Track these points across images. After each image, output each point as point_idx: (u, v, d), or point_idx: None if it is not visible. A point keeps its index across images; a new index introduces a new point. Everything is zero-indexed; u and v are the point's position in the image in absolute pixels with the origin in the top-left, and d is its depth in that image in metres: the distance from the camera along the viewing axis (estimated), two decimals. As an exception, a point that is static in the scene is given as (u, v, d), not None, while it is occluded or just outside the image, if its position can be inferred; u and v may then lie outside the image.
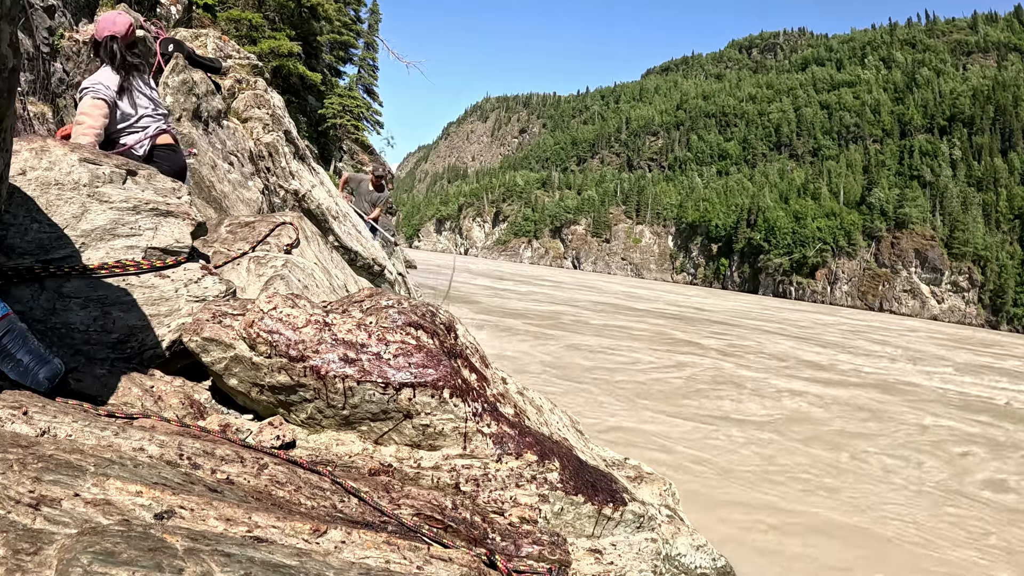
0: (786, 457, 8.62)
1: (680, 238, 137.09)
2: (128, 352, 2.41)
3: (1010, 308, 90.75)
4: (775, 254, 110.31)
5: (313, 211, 8.62)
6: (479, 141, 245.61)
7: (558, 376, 11.85)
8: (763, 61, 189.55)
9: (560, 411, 3.43)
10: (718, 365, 15.82)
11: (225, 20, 18.03)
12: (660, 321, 26.88)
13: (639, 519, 2.46)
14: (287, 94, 19.47)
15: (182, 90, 7.00)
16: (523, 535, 2.04)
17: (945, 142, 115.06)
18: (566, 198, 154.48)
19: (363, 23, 34.23)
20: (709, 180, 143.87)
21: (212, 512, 1.48)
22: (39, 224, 2.33)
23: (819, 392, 13.73)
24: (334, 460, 2.20)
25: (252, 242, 3.60)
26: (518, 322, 19.32)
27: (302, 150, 10.10)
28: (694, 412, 10.58)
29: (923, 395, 15.08)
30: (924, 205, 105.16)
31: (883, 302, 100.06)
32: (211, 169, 7.15)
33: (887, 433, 10.69)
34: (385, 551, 1.56)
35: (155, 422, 2.00)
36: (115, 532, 1.22)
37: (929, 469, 8.91)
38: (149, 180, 2.72)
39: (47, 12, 6.14)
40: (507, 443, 2.30)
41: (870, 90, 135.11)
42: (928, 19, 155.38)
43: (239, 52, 11.33)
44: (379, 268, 9.15)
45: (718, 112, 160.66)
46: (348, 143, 31.27)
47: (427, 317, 2.52)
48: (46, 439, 1.66)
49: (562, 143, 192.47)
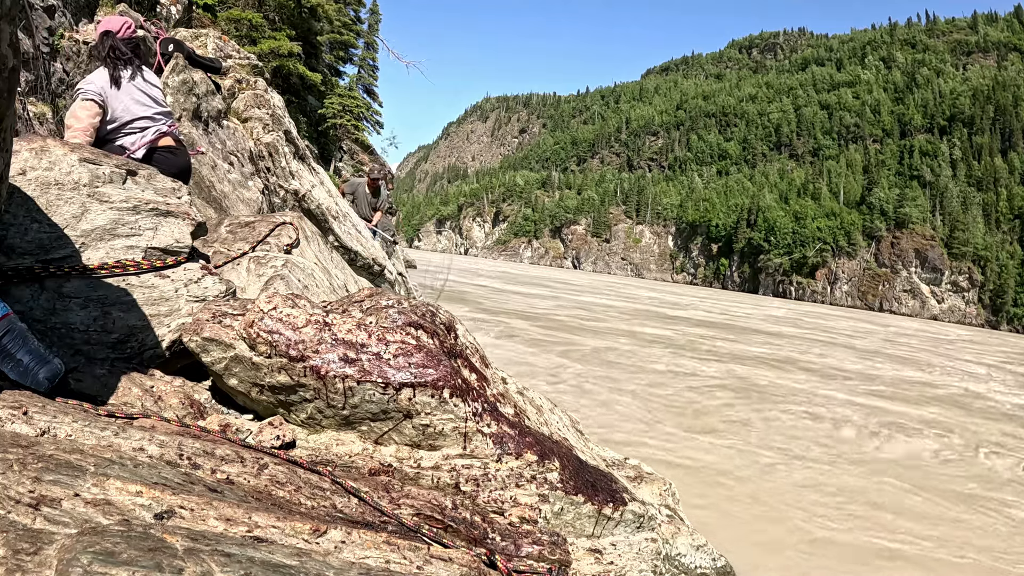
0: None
1: (680, 238, 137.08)
2: (128, 352, 2.41)
3: (1010, 308, 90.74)
4: (775, 254, 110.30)
5: (313, 211, 8.62)
6: (479, 141, 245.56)
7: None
8: (763, 61, 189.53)
9: (560, 411, 3.43)
10: (838, 409, 12.16)
11: (225, 20, 18.03)
12: (733, 344, 20.70)
13: (639, 519, 2.46)
14: (287, 94, 19.47)
15: (182, 90, 7.00)
16: (523, 535, 2.04)
17: (945, 142, 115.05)
18: (566, 198, 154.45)
19: (363, 23, 34.22)
20: (709, 180, 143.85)
21: (212, 512, 1.48)
22: (39, 224, 2.33)
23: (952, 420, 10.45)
24: (334, 460, 2.20)
25: (252, 242, 3.60)
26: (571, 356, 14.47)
27: (302, 150, 10.10)
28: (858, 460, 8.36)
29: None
30: (924, 205, 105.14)
31: (883, 302, 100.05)
32: (211, 169, 7.14)
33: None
34: (385, 551, 1.56)
35: (155, 422, 2.00)
36: (115, 532, 1.22)
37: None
38: (149, 180, 2.72)
39: (47, 12, 6.14)
40: (507, 443, 2.30)
41: (870, 90, 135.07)
42: (928, 19, 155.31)
43: (239, 52, 11.33)
44: (379, 268, 9.15)
45: (718, 112, 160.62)
46: (348, 143, 31.27)
47: (427, 317, 2.52)
48: (46, 439, 1.66)
49: (562, 143, 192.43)
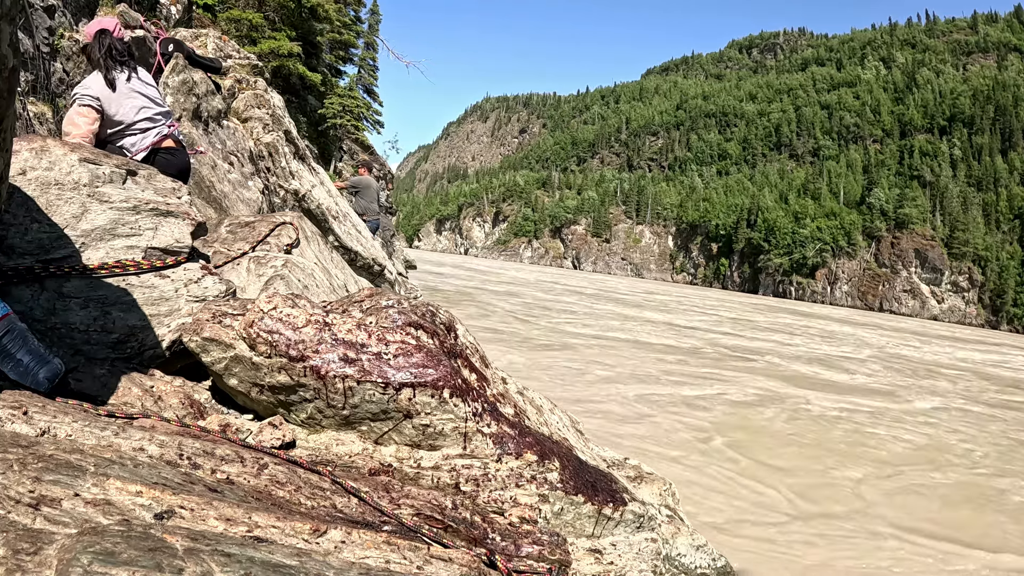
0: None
1: (680, 238, 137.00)
2: (128, 352, 2.41)
3: (1010, 308, 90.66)
4: (775, 254, 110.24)
5: (313, 211, 8.62)
6: (479, 141, 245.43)
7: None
8: (763, 61, 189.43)
9: (560, 411, 3.42)
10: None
11: (225, 20, 18.02)
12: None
13: (639, 519, 2.46)
14: (287, 94, 19.44)
15: (182, 90, 7.00)
16: (523, 535, 2.03)
17: (945, 142, 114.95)
18: (566, 198, 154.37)
19: (363, 23, 34.18)
20: (709, 180, 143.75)
21: (212, 512, 1.48)
22: (39, 224, 2.33)
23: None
24: (334, 460, 2.20)
25: (252, 242, 3.59)
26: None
27: (302, 150, 10.10)
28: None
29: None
30: (924, 205, 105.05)
31: (883, 302, 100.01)
32: (211, 169, 7.14)
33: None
34: (385, 551, 1.56)
35: (155, 422, 2.00)
36: (115, 532, 1.22)
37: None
38: (149, 180, 2.72)
39: (47, 12, 6.14)
40: (507, 443, 2.30)
41: (870, 90, 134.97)
42: (928, 19, 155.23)
43: (239, 52, 11.32)
44: (379, 268, 9.15)
45: (718, 112, 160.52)
46: (348, 143, 31.24)
47: (427, 317, 2.52)
48: (46, 439, 1.66)
49: (562, 143, 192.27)
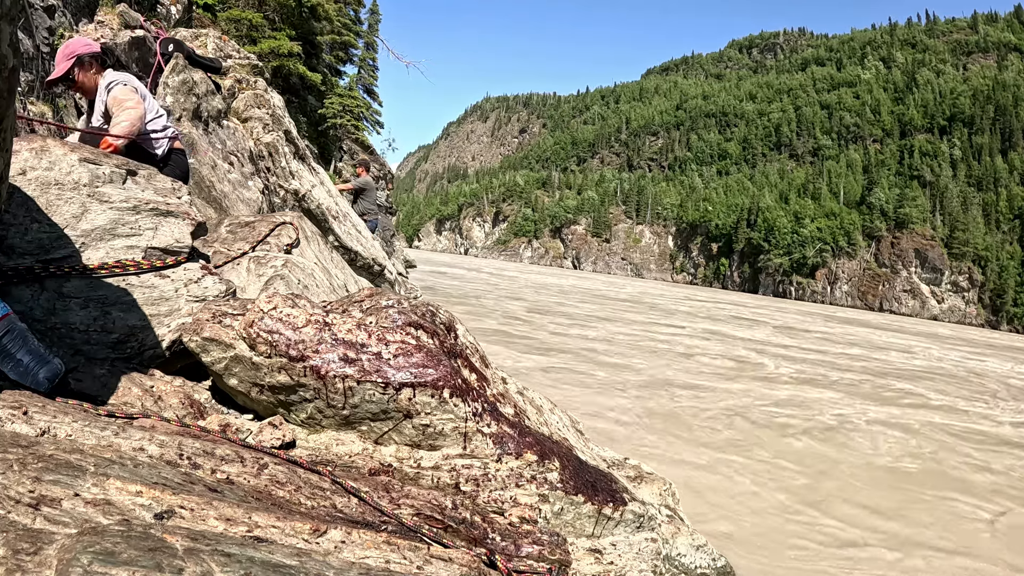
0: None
1: (680, 238, 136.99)
2: (128, 352, 2.41)
3: (1010, 308, 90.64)
4: (775, 254, 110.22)
5: (313, 211, 8.62)
6: (479, 141, 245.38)
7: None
8: (763, 61, 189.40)
9: (560, 411, 3.42)
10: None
11: (225, 20, 18.03)
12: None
13: (639, 519, 2.46)
14: (287, 94, 19.45)
15: (182, 90, 7.00)
16: (523, 535, 2.04)
17: (945, 142, 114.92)
18: (566, 198, 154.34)
19: (363, 23, 34.17)
20: (709, 180, 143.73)
21: (212, 512, 1.48)
22: (39, 224, 2.33)
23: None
24: (334, 460, 2.20)
25: (252, 242, 3.60)
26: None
27: (302, 150, 10.10)
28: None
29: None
30: (924, 205, 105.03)
31: (883, 302, 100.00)
32: (211, 169, 7.14)
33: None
34: (385, 551, 1.56)
35: (155, 422, 2.00)
36: (115, 532, 1.22)
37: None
38: (149, 180, 2.72)
39: (47, 12, 6.14)
40: (507, 443, 2.30)
41: (870, 90, 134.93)
42: (928, 19, 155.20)
43: (239, 52, 11.33)
44: (379, 268, 9.15)
45: (718, 112, 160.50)
46: (348, 143, 31.23)
47: (427, 317, 2.52)
48: (46, 439, 1.66)
49: (562, 143, 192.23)
